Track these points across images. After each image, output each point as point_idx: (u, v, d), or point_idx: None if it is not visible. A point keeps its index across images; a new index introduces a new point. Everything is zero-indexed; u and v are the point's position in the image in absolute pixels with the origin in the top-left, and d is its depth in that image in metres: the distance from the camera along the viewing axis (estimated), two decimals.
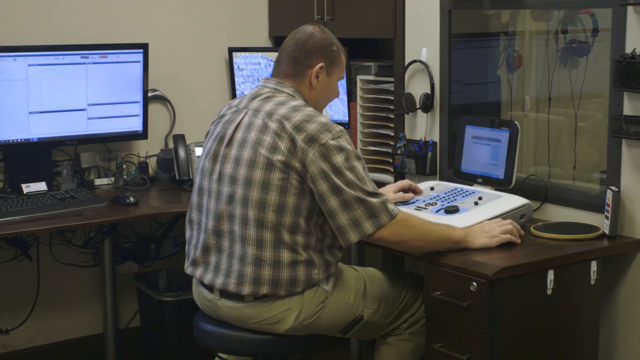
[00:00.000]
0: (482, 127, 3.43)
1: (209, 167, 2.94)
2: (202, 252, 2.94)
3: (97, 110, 3.93)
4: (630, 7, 2.95)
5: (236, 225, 2.85)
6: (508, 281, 2.75)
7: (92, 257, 4.14)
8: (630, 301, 3.10)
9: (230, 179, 2.86)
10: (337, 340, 3.42)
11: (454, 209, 3.13)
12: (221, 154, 2.91)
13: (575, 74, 3.49)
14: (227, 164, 2.88)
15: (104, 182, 4.05)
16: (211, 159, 2.94)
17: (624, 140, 3.05)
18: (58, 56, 3.82)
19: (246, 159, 2.83)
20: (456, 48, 3.66)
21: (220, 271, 2.89)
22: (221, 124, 2.97)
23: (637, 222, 3.04)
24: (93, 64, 3.88)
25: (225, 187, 2.87)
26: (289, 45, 2.97)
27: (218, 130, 2.96)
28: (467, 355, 2.78)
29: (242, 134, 2.88)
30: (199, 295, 3.04)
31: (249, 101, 2.95)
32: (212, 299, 2.96)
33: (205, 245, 2.93)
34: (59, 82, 3.83)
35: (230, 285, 2.86)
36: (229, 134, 2.91)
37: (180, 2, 4.27)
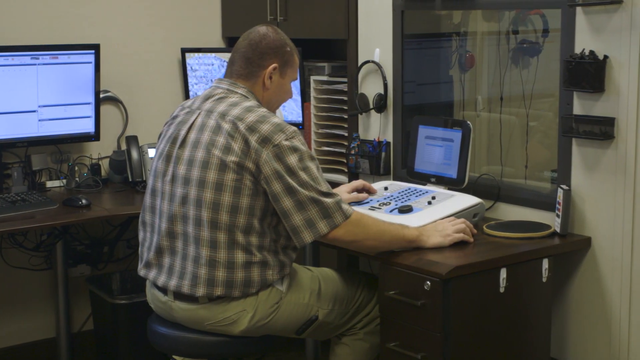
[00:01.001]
0: (435, 127, 3.45)
1: (162, 168, 2.93)
2: (156, 253, 2.93)
3: (48, 111, 3.90)
4: (579, 8, 3.00)
5: (190, 227, 2.84)
6: (461, 280, 2.77)
7: (44, 261, 4.10)
8: (581, 298, 3.15)
9: (184, 180, 2.85)
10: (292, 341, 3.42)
11: (408, 208, 3.16)
12: (174, 155, 2.90)
13: (527, 74, 3.53)
14: (180, 165, 2.87)
15: (56, 184, 4.02)
16: (164, 160, 2.93)
17: (574, 140, 3.09)
18: (7, 57, 3.77)
19: (199, 160, 2.83)
20: (409, 48, 3.68)
21: (174, 273, 2.89)
22: (174, 125, 2.96)
23: (587, 220, 3.09)
24: (44, 65, 3.84)
25: (179, 188, 2.86)
26: (242, 46, 2.97)
27: (171, 131, 2.95)
28: (421, 354, 2.80)
29: (195, 135, 2.87)
30: (153, 297, 3.02)
31: (202, 102, 2.95)
32: (165, 301, 2.95)
33: (158, 246, 2.92)
34: (8, 83, 3.79)
35: (184, 287, 2.85)
36: (182, 135, 2.90)
37: (132, 2, 4.24)
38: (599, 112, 3.00)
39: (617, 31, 2.91)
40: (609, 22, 2.93)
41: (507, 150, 3.58)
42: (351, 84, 3.85)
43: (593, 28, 2.98)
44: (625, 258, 2.99)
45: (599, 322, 3.10)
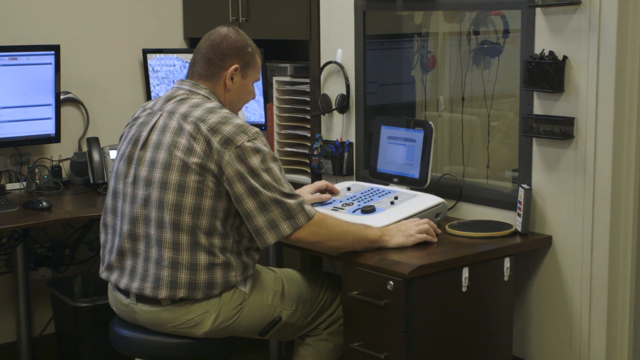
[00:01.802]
0: (397, 128, 3.46)
1: (124, 170, 2.92)
2: (118, 256, 2.92)
3: (7, 113, 3.87)
4: (538, 9, 3.03)
5: (152, 229, 2.83)
6: (424, 279, 2.79)
7: (4, 264, 4.07)
8: (542, 296, 3.18)
9: (146, 181, 2.84)
10: (256, 342, 3.42)
11: (371, 208, 3.17)
12: (136, 156, 2.89)
13: (488, 74, 3.54)
14: (142, 166, 2.87)
15: (16, 186, 3.98)
16: (125, 161, 2.92)
17: (534, 139, 3.12)
18: None
19: (161, 161, 2.82)
20: (371, 49, 3.70)
21: (136, 275, 2.88)
22: (135, 126, 2.95)
23: (548, 219, 3.12)
24: (2, 66, 3.81)
25: (141, 190, 2.85)
26: (204, 47, 2.97)
27: (132, 132, 2.94)
28: (384, 353, 2.81)
29: (157, 137, 2.86)
30: (115, 300, 3.01)
31: (164, 103, 2.94)
32: (128, 303, 2.93)
33: (120, 249, 2.91)
34: None
35: (146, 290, 2.84)
36: (144, 137, 2.89)
37: (93, 3, 4.22)
38: (559, 112, 3.03)
39: (576, 32, 2.94)
40: (568, 23, 2.97)
41: (469, 150, 3.60)
42: (313, 85, 3.86)
43: (552, 29, 3.01)
44: (586, 256, 3.02)
45: (561, 320, 3.13)
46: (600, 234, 2.99)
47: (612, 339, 3.04)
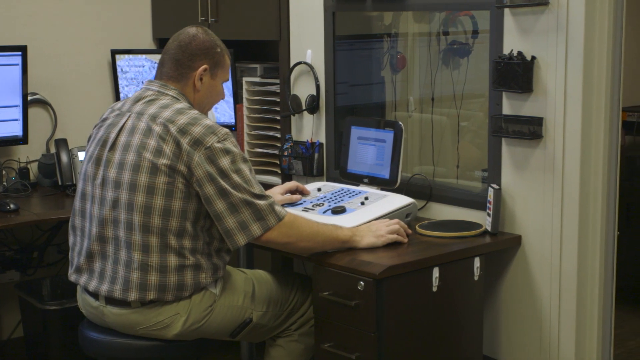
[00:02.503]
0: (368, 128, 3.48)
1: (92, 171, 2.91)
2: (86, 258, 2.91)
3: None
4: (507, 10, 3.05)
5: (121, 231, 2.82)
6: (394, 279, 2.80)
7: None
8: (512, 295, 3.20)
9: (114, 183, 2.83)
10: (227, 344, 3.42)
11: (341, 209, 3.18)
12: (104, 158, 2.88)
13: (457, 75, 3.56)
14: (111, 168, 2.85)
15: None
16: (94, 163, 2.91)
17: (504, 139, 3.14)
18: None
19: (130, 163, 2.81)
20: (341, 49, 3.70)
21: (106, 278, 2.86)
22: (104, 127, 2.94)
23: (518, 218, 3.14)
24: None
25: (109, 192, 2.84)
26: (172, 47, 2.96)
27: (101, 134, 2.93)
28: (356, 354, 2.82)
29: (125, 138, 2.85)
30: (84, 302, 3.00)
31: (132, 104, 2.93)
32: (97, 306, 2.92)
33: (89, 251, 2.90)
34: None
35: (116, 292, 2.83)
36: (112, 138, 2.88)
37: (60, 3, 4.20)
38: (528, 112, 3.05)
39: (544, 32, 2.97)
40: (536, 24, 2.99)
41: (439, 150, 3.62)
42: (283, 86, 3.86)
43: (521, 29, 3.04)
44: (555, 255, 3.05)
45: (530, 318, 3.15)
46: (569, 233, 3.01)
47: (581, 337, 3.07)
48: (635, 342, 4.31)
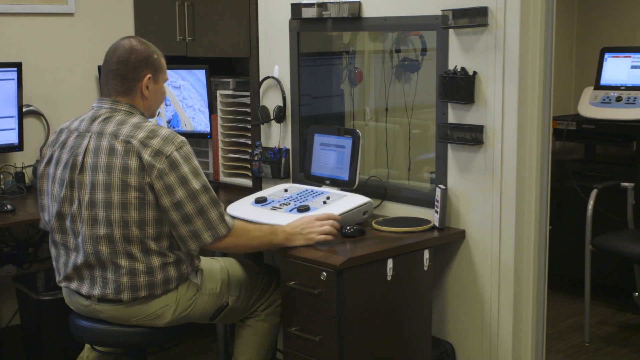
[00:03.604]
0: (329, 135, 3.48)
1: (68, 194, 2.79)
2: (74, 270, 2.84)
3: None
4: (451, 30, 3.07)
5: (103, 246, 2.75)
6: (353, 270, 2.81)
7: None
8: (457, 282, 3.22)
9: (90, 203, 2.74)
10: (204, 328, 3.41)
11: (306, 207, 3.18)
12: (76, 181, 2.77)
13: (408, 88, 3.56)
14: (84, 190, 2.75)
15: None
16: (68, 186, 2.79)
17: (449, 145, 3.16)
18: None
19: (102, 183, 2.72)
20: (305, 65, 3.70)
21: (97, 283, 2.80)
22: (67, 150, 2.80)
23: (462, 215, 3.16)
24: None
25: (86, 211, 2.75)
26: (113, 63, 2.81)
27: (66, 157, 2.79)
28: (319, 336, 2.83)
29: (92, 159, 2.75)
30: (73, 301, 2.93)
31: (89, 124, 2.80)
32: (89, 304, 2.86)
33: (75, 265, 2.82)
34: None
35: (109, 295, 2.78)
36: (80, 161, 2.77)
37: (51, 23, 4.16)
38: (470, 120, 3.07)
39: (484, 50, 2.99)
40: (477, 42, 3.01)
41: (392, 154, 3.62)
42: (253, 98, 3.86)
43: (464, 47, 3.06)
44: (494, 247, 3.07)
45: (474, 303, 3.17)
46: (507, 228, 3.04)
47: (518, 319, 3.09)
48: (565, 323, 4.36)
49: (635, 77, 4.71)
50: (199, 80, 4.07)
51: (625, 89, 4.70)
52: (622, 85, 4.73)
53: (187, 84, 4.11)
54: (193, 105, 4.12)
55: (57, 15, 4.19)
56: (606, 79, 4.82)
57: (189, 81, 4.11)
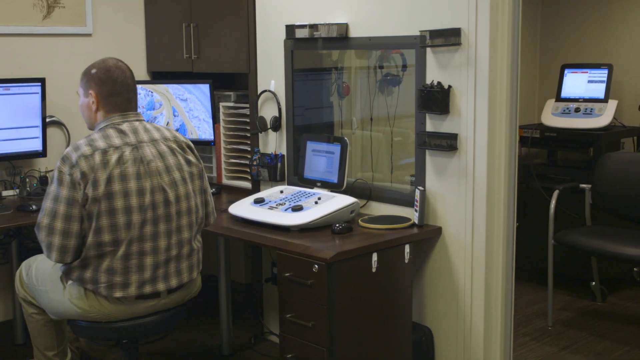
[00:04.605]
0: (320, 142, 3.48)
1: (150, 200, 2.66)
2: (153, 271, 2.71)
3: (2, 133, 3.78)
4: (428, 49, 3.08)
5: (185, 232, 2.76)
6: (342, 263, 2.81)
7: (1, 256, 3.97)
8: (435, 274, 3.22)
9: (176, 199, 2.71)
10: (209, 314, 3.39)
11: (299, 207, 3.18)
12: (156, 185, 2.68)
13: (391, 100, 3.56)
14: (170, 189, 2.70)
15: (10, 193, 3.90)
16: (150, 194, 2.66)
17: (427, 151, 3.16)
18: None
19: (179, 179, 2.72)
20: (298, 80, 3.70)
21: (171, 276, 2.75)
22: (130, 164, 2.64)
23: (439, 213, 3.17)
24: None
25: (173, 208, 2.71)
26: (132, 85, 2.78)
27: (133, 169, 2.64)
28: (311, 322, 2.83)
29: (161, 163, 2.70)
30: (132, 309, 2.75)
31: (136, 135, 2.71)
32: (155, 303, 2.77)
33: (156, 265, 2.71)
34: None
35: (183, 279, 2.81)
36: (154, 167, 2.68)
37: (72, 43, 4.15)
38: (446, 129, 3.08)
39: (458, 66, 3.00)
40: (451, 59, 3.02)
41: (377, 159, 3.62)
42: (252, 109, 3.86)
43: (440, 64, 3.06)
44: (467, 242, 3.08)
45: (449, 291, 3.18)
46: (478, 225, 3.04)
47: (489, 305, 3.10)
48: (530, 309, 4.36)
49: (592, 90, 4.73)
50: (204, 94, 4.07)
51: (583, 101, 4.71)
52: (580, 98, 4.74)
53: (193, 96, 4.10)
54: (198, 115, 4.11)
55: (77, 35, 4.18)
56: (566, 92, 4.83)
57: (194, 94, 4.10)
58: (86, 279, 2.68)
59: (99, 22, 4.24)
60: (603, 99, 4.65)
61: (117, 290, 2.67)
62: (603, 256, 4.00)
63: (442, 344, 3.22)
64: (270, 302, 3.91)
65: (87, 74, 2.80)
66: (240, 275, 4.55)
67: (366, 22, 3.32)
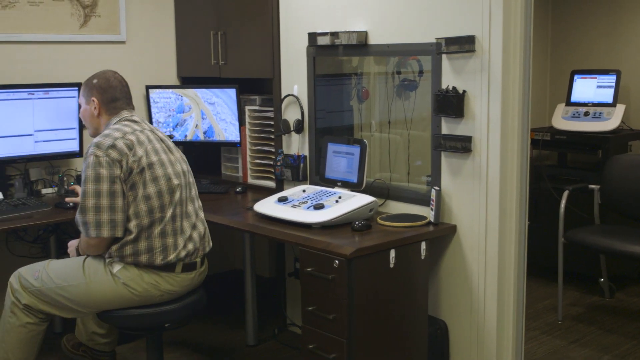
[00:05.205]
0: (340, 144, 3.48)
1: (182, 182, 2.97)
2: (192, 243, 2.95)
3: (42, 134, 3.82)
4: (444, 55, 3.07)
5: (202, 212, 3.08)
6: (361, 258, 2.80)
7: (40, 250, 4.01)
8: (450, 269, 3.21)
9: (192, 184, 3.06)
10: (234, 307, 3.39)
11: (321, 205, 3.18)
12: (179, 170, 2.98)
13: (407, 104, 3.55)
14: (187, 175, 3.04)
15: (49, 191, 3.94)
16: (181, 176, 2.98)
17: (443, 153, 3.16)
18: (9, 93, 3.70)
19: (187, 170, 3.04)
20: (320, 85, 3.70)
21: (206, 241, 3.04)
22: (155, 141, 2.95)
23: (453, 212, 3.15)
24: (38, 99, 3.77)
25: (194, 189, 3.06)
26: (128, 90, 3.06)
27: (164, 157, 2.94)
28: (332, 315, 2.83)
29: (174, 156, 3.01)
30: (182, 282, 2.97)
31: (143, 129, 2.96)
32: (193, 275, 2.99)
33: (192, 226, 2.97)
34: (11, 113, 3.71)
35: (207, 249, 3.03)
36: (172, 157, 2.98)
37: (106, 50, 4.19)
38: (460, 132, 3.07)
39: (472, 72, 2.99)
40: (466, 66, 3.01)
41: (394, 160, 3.62)
42: (276, 112, 3.86)
43: (455, 70, 3.05)
44: (481, 240, 3.07)
45: (463, 286, 3.17)
46: (492, 223, 3.03)
47: (501, 300, 3.08)
48: (541, 304, 4.34)
49: (601, 95, 4.69)
50: (230, 98, 4.08)
51: (592, 106, 4.68)
52: (589, 102, 4.71)
53: (220, 100, 4.12)
54: (225, 118, 4.13)
55: (111, 43, 4.21)
56: (576, 97, 4.79)
57: (221, 98, 4.12)
58: (141, 250, 2.85)
59: (132, 30, 4.27)
60: (611, 103, 4.62)
61: (170, 251, 2.88)
62: (611, 254, 3.97)
63: (457, 336, 3.21)
64: (292, 295, 3.92)
65: (88, 84, 3.03)
66: (264, 270, 4.56)
67: (384, 30, 3.32)
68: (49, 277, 2.94)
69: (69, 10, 4.02)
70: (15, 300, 2.97)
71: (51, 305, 2.94)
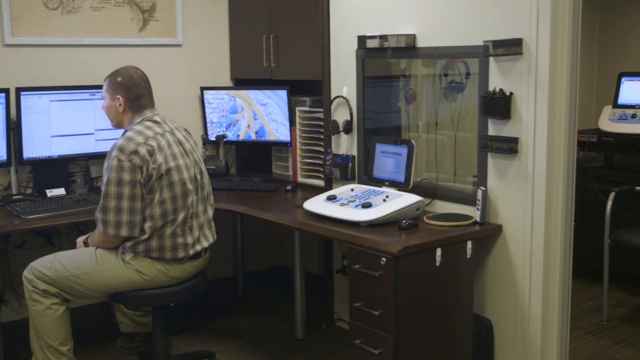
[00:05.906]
0: (388, 144, 3.47)
1: (195, 174, 3.10)
2: (200, 231, 3.10)
3: (102, 133, 3.90)
4: (491, 58, 3.04)
5: (212, 199, 3.20)
6: (408, 257, 2.80)
7: None
8: (495, 269, 3.18)
9: (204, 174, 3.13)
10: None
11: (368, 204, 3.18)
12: (192, 161, 3.08)
13: (454, 106, 3.54)
14: (200, 164, 3.15)
15: None
16: (194, 167, 3.10)
17: (489, 153, 3.13)
18: (72, 94, 3.78)
19: (199, 159, 3.16)
20: (368, 87, 3.70)
21: (207, 235, 3.13)
22: (174, 145, 3.04)
23: (499, 212, 3.13)
24: (99, 100, 3.84)
25: (205, 178, 3.16)
26: (149, 87, 3.14)
27: (177, 150, 3.04)
28: (379, 311, 2.83)
29: (187, 145, 3.11)
30: (188, 269, 3.11)
31: (166, 123, 3.10)
32: (197, 264, 3.12)
33: (201, 225, 3.11)
34: (73, 113, 3.79)
35: (210, 241, 3.16)
36: (184, 149, 3.08)
37: (164, 52, 4.25)
38: (507, 133, 3.04)
39: (519, 74, 2.95)
40: (513, 68, 2.98)
41: (441, 161, 3.60)
42: (326, 113, 3.87)
43: (502, 72, 3.02)
44: (527, 240, 3.03)
45: (509, 285, 3.14)
46: (537, 223, 2.99)
47: (546, 300, 3.04)
48: (586, 305, 4.26)
49: None
50: (282, 99, 4.10)
51: (639, 108, 4.58)
52: (636, 105, 4.61)
53: (272, 101, 4.15)
54: (276, 119, 4.15)
55: (168, 46, 4.27)
56: (623, 99, 4.69)
57: (273, 99, 4.14)
58: (152, 247, 2.97)
59: (188, 34, 4.33)
60: None
61: (179, 250, 3.02)
62: None
63: (502, 334, 3.18)
64: (340, 291, 3.93)
65: (112, 81, 3.10)
66: (313, 266, 4.58)
67: (432, 33, 3.30)
68: (63, 267, 3.02)
69: (128, 14, 4.09)
70: (33, 289, 3.04)
71: (65, 292, 3.04)
